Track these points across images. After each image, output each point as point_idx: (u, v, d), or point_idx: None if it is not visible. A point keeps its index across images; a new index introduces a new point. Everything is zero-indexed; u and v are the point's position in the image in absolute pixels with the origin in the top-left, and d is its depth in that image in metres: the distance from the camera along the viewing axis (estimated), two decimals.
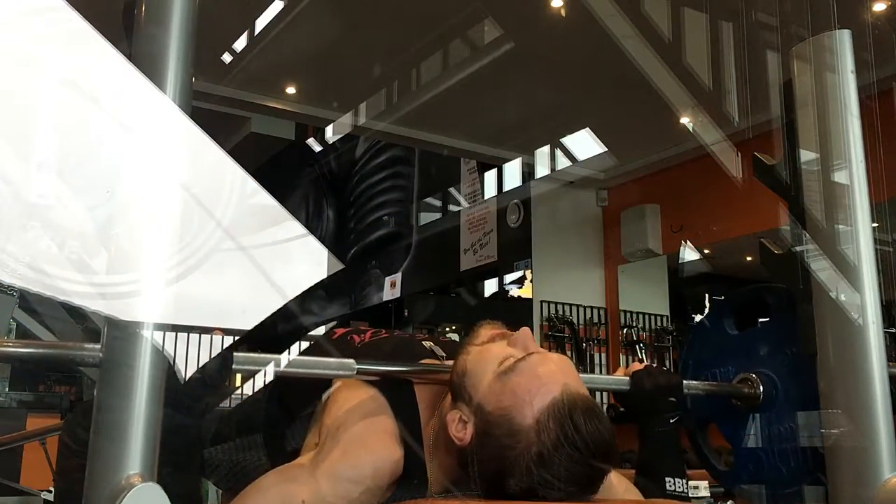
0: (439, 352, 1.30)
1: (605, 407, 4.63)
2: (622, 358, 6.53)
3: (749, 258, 5.63)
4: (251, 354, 1.03)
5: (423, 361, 1.24)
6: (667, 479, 1.31)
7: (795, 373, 1.39)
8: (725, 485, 1.60)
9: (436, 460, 1.12)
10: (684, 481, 1.32)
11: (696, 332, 1.70)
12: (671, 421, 1.35)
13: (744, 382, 1.48)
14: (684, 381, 1.42)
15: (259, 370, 1.06)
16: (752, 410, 1.47)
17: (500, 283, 7.15)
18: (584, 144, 5.89)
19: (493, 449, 1.02)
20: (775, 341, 1.45)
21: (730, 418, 1.52)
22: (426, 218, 7.80)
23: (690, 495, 1.34)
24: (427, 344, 1.32)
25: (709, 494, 1.35)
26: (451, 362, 1.15)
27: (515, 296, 6.75)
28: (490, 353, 1.10)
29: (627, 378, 1.37)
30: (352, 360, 1.11)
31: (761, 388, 1.45)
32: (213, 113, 5.15)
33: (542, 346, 1.62)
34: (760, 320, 1.54)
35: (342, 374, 1.12)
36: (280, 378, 1.39)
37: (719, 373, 1.55)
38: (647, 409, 1.36)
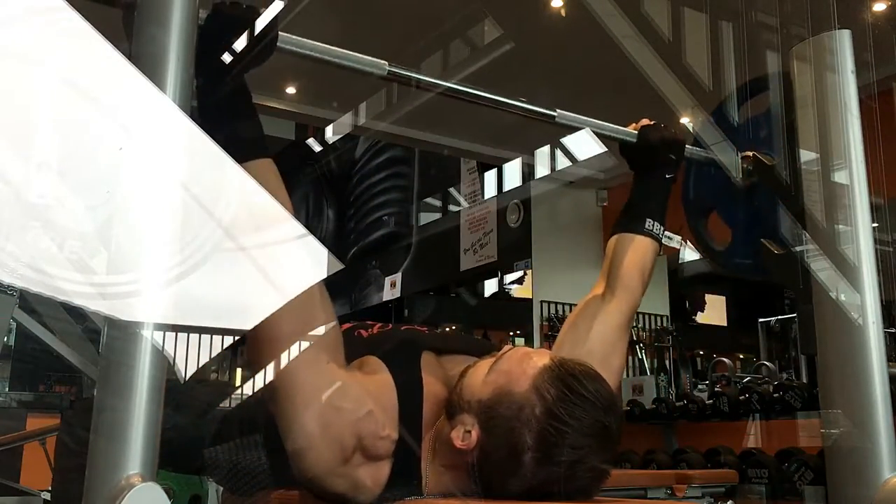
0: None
1: None
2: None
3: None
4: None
5: (429, 353, 1.23)
6: (647, 218, 1.40)
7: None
8: (723, 263, 1.65)
9: (435, 469, 1.11)
10: (662, 227, 1.41)
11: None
12: (667, 176, 1.42)
13: (745, 159, 1.51)
14: (688, 147, 1.47)
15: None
16: (749, 190, 1.50)
17: (500, 283, 7.15)
18: (584, 144, 5.89)
19: (502, 430, 1.01)
20: (775, 124, 1.48)
21: (729, 201, 1.56)
22: (426, 218, 7.80)
23: (663, 241, 1.43)
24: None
25: (679, 248, 1.43)
26: None
27: (516, 296, 6.74)
28: (479, 365, 1.11)
29: (635, 131, 1.43)
30: (384, 62, 1.17)
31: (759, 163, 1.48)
32: None
33: (542, 346, 1.62)
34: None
35: (374, 70, 1.16)
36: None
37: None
38: (649, 160, 1.43)
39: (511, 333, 6.89)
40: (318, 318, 1.02)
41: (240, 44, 1.00)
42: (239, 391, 1.39)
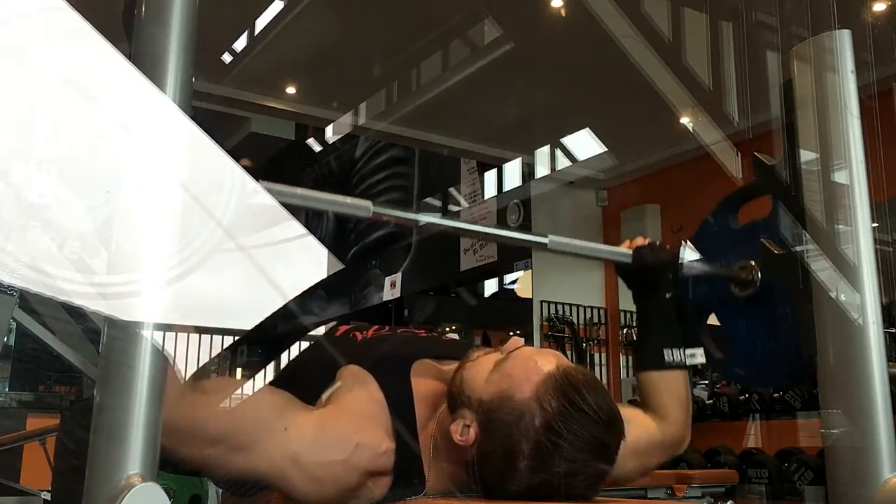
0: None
1: None
2: (622, 358, 6.53)
3: None
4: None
5: (422, 361, 1.23)
6: (664, 350, 1.35)
7: (792, 264, 1.40)
8: (720, 372, 1.63)
9: (437, 465, 1.11)
10: (681, 351, 1.36)
11: (701, 229, 1.71)
12: (668, 296, 1.39)
13: (743, 268, 1.49)
14: (684, 262, 1.43)
15: None
16: (749, 298, 1.48)
17: (500, 283, 7.15)
18: (584, 144, 5.89)
19: (499, 434, 1.01)
20: (776, 232, 1.46)
21: (728, 307, 1.53)
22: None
23: (688, 363, 1.37)
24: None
25: (704, 360, 1.40)
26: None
27: (517, 296, 6.74)
28: (483, 360, 1.11)
29: (630, 251, 1.39)
30: (368, 202, 1.13)
31: (759, 274, 1.46)
32: (213, 113, 5.15)
33: (541, 346, 1.62)
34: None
35: (358, 212, 1.12)
36: (282, 377, 1.39)
37: (721, 265, 1.57)
38: (646, 283, 1.40)
39: (511, 334, 6.89)
40: (271, 413, 1.04)
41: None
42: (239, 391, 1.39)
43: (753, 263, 1.47)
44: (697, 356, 1.39)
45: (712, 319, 1.60)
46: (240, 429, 1.01)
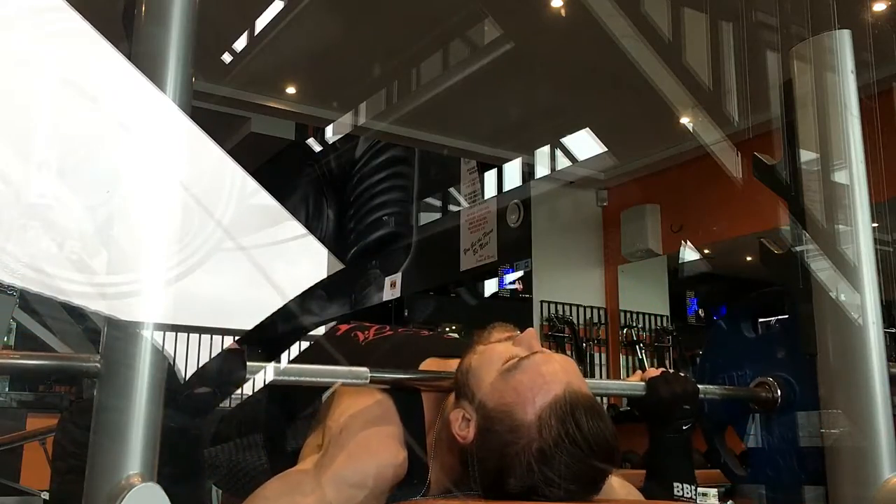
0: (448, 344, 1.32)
1: (605, 407, 4.62)
2: (622, 358, 6.53)
3: (749, 258, 5.63)
4: (261, 364, 1.02)
5: (428, 360, 1.23)
6: (675, 483, 1.30)
7: (813, 376, 1.35)
8: (742, 488, 1.60)
9: (437, 460, 1.12)
10: (693, 487, 1.31)
11: (713, 335, 1.69)
12: (685, 428, 1.34)
13: (761, 386, 1.46)
14: (701, 387, 1.39)
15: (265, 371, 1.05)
16: (769, 413, 1.46)
17: (500, 283, 7.15)
18: (584, 144, 5.89)
19: (495, 446, 1.02)
20: (792, 343, 1.43)
21: (747, 421, 1.51)
22: (426, 218, 7.80)
23: (699, 502, 1.32)
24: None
25: (717, 502, 1.33)
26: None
27: (517, 295, 6.74)
28: (494, 352, 1.10)
29: (643, 384, 1.35)
30: (365, 369, 1.10)
31: (779, 391, 1.43)
32: (213, 113, 5.14)
33: (542, 346, 1.61)
34: (777, 319, 1.53)
35: (355, 382, 1.11)
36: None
37: (736, 376, 1.54)
38: (662, 416, 1.34)
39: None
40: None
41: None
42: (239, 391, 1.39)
43: (772, 380, 1.44)
44: (710, 496, 1.35)
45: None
46: None
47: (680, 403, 1.33)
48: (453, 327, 7.05)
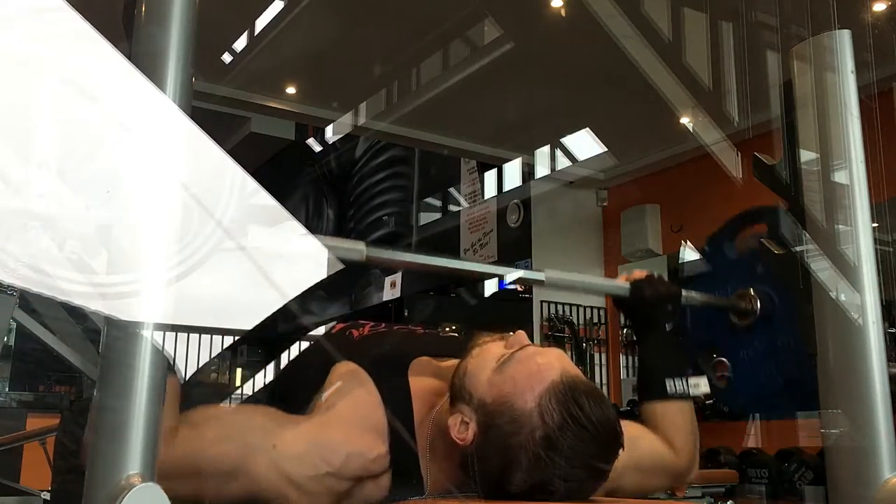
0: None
1: None
2: (622, 358, 6.53)
3: None
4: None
5: (419, 359, 1.23)
6: (667, 380, 1.35)
7: (791, 289, 1.40)
8: (724, 402, 1.65)
9: (435, 463, 1.11)
10: (684, 381, 1.36)
11: (701, 257, 1.72)
12: (668, 328, 1.40)
13: (742, 297, 1.50)
14: (683, 293, 1.45)
15: None
16: (749, 328, 1.49)
17: (500, 284, 7.14)
18: (584, 144, 5.89)
19: (498, 440, 1.01)
20: (770, 258, 1.47)
21: (728, 337, 1.54)
22: (426, 218, 7.80)
23: (691, 393, 1.37)
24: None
25: (708, 390, 1.39)
26: None
27: (517, 295, 6.74)
28: (488, 352, 1.10)
29: (627, 285, 1.40)
30: (361, 243, 1.10)
31: (758, 303, 1.47)
32: (213, 113, 5.15)
33: (541, 346, 1.61)
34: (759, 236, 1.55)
35: (352, 255, 1.09)
36: (281, 378, 1.38)
37: (719, 295, 1.58)
38: (645, 316, 1.40)
39: (511, 334, 6.88)
40: (254, 428, 1.03)
41: None
42: (239, 391, 1.39)
43: (752, 292, 1.48)
44: (701, 385, 1.37)
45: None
46: (229, 456, 1.00)
47: (663, 304, 1.39)
48: (453, 327, 7.05)
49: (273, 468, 1.00)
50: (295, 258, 0.84)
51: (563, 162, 6.15)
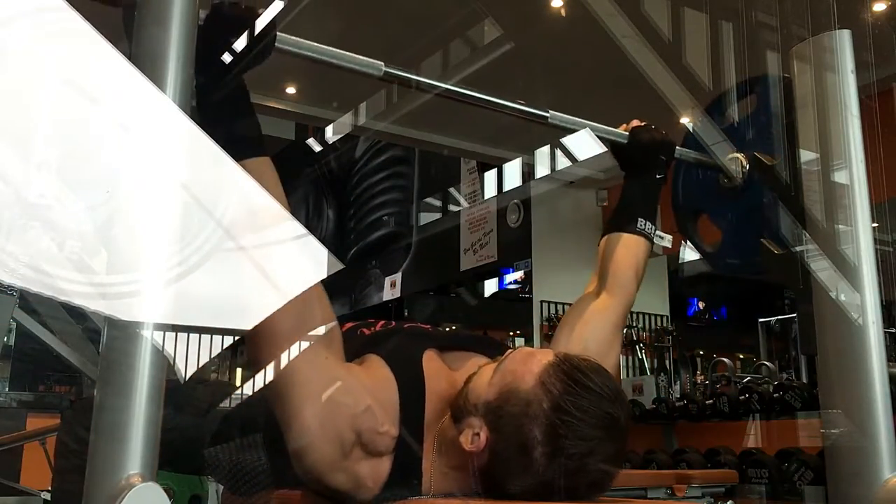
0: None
1: None
2: (622, 358, 6.53)
3: None
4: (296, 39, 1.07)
5: (429, 351, 1.22)
6: (639, 218, 1.44)
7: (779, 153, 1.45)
8: (713, 265, 1.70)
9: (439, 467, 1.10)
10: (654, 226, 1.45)
11: (689, 136, 1.75)
12: (658, 177, 1.47)
13: (732, 160, 1.54)
14: (678, 148, 1.51)
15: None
16: (738, 192, 1.53)
17: (500, 284, 7.15)
18: (584, 144, 5.89)
19: (511, 428, 1.01)
20: (762, 125, 1.51)
21: (718, 204, 1.60)
22: (426, 218, 7.80)
23: (654, 240, 1.46)
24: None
25: (670, 245, 1.47)
26: None
27: (517, 295, 6.74)
28: (484, 369, 1.11)
29: (626, 132, 1.48)
30: (380, 62, 1.18)
31: (747, 164, 1.51)
32: None
33: (542, 346, 1.62)
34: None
35: (370, 70, 1.17)
36: None
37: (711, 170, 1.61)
38: (639, 161, 1.48)
39: (511, 333, 6.89)
40: (316, 318, 1.03)
41: (239, 43, 1.00)
42: (239, 391, 1.39)
43: (742, 155, 1.52)
44: (665, 240, 1.48)
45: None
46: (295, 324, 1.00)
47: (658, 151, 1.46)
48: (453, 327, 7.05)
49: (308, 366, 1.00)
50: (295, 258, 0.84)
51: (563, 162, 6.15)
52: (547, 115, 1.38)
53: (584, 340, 1.33)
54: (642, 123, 1.49)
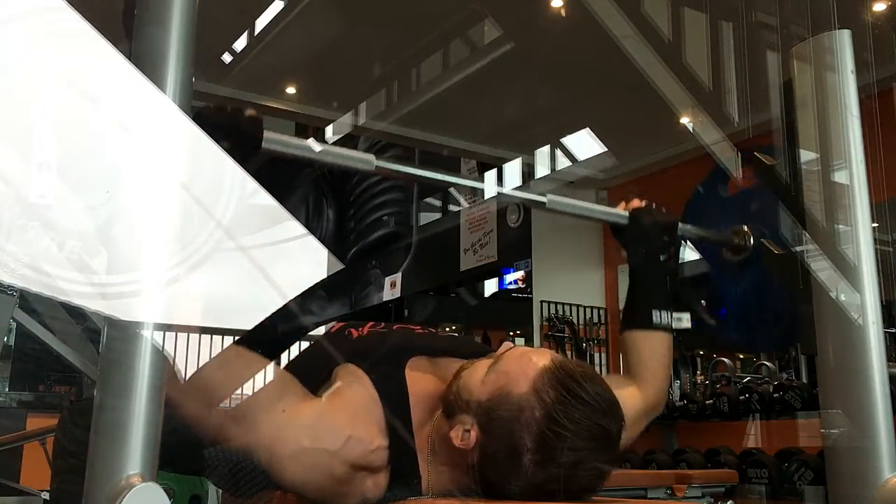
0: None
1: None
2: (622, 358, 6.52)
3: None
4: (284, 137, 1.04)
5: (415, 358, 1.23)
6: (653, 310, 1.38)
7: (784, 226, 1.44)
8: (716, 336, 1.68)
9: (436, 466, 1.11)
10: (669, 313, 1.39)
11: (693, 199, 1.74)
12: (662, 258, 1.42)
13: (736, 233, 1.53)
14: (680, 225, 1.47)
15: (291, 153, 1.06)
16: (742, 263, 1.52)
17: (500, 284, 7.15)
18: (584, 144, 5.89)
19: (501, 432, 1.01)
20: (766, 198, 1.50)
21: (722, 272, 1.58)
22: (426, 218, 7.80)
23: (674, 326, 1.40)
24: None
25: (690, 326, 1.43)
26: None
27: (521, 294, 6.74)
28: (478, 365, 1.11)
29: (626, 213, 1.43)
30: (371, 155, 1.14)
31: (752, 239, 1.50)
32: None
33: (542, 346, 1.61)
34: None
35: (363, 165, 1.14)
36: None
37: (715, 231, 1.61)
38: (642, 245, 1.42)
39: (511, 333, 6.89)
40: (243, 375, 1.04)
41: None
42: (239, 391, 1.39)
43: (746, 228, 1.51)
44: (684, 320, 1.44)
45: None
46: (243, 399, 1.01)
47: (660, 233, 1.41)
48: (453, 327, 7.05)
49: (275, 429, 1.01)
50: (294, 258, 0.84)
51: (563, 162, 6.15)
52: (545, 200, 1.36)
53: None
54: (642, 204, 1.44)
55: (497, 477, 1.03)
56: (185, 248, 0.72)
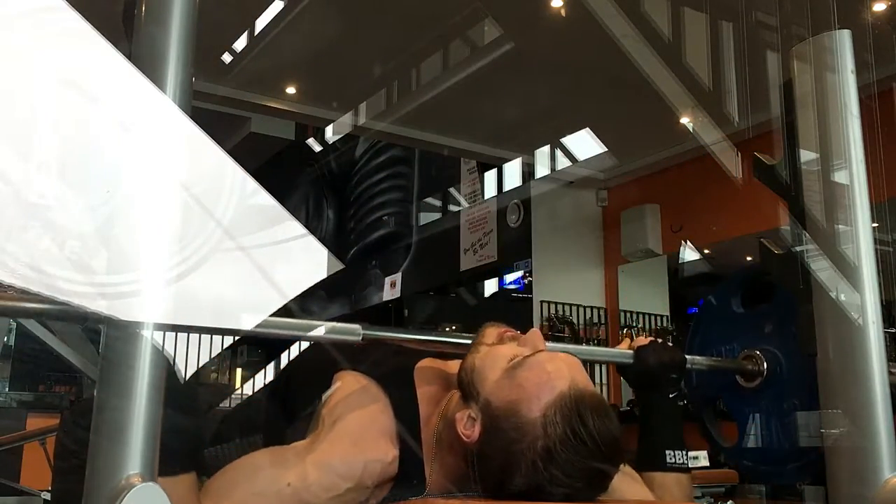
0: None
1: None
2: None
3: (749, 258, 5.63)
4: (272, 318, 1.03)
5: (425, 360, 1.23)
6: (667, 451, 1.33)
7: (799, 350, 1.38)
8: (730, 459, 1.63)
9: (438, 460, 1.11)
10: (684, 453, 1.34)
11: (703, 311, 1.72)
12: (672, 396, 1.37)
13: (748, 359, 1.49)
14: (688, 357, 1.42)
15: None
16: (756, 387, 1.48)
17: (500, 283, 7.15)
18: (584, 144, 5.89)
19: (500, 444, 1.01)
20: (780, 319, 1.46)
21: (735, 395, 1.53)
22: (426, 218, 7.80)
23: (690, 465, 1.35)
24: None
25: (708, 464, 1.37)
26: (467, 339, 1.15)
27: (521, 294, 6.74)
28: (499, 352, 1.09)
29: (631, 352, 1.38)
30: (357, 326, 1.11)
31: (765, 364, 1.47)
32: (213, 113, 5.15)
33: None
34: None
35: (348, 338, 1.11)
36: (281, 378, 1.38)
37: (725, 350, 1.57)
38: (650, 384, 1.37)
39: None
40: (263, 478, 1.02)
41: None
42: (239, 391, 1.39)
43: (759, 353, 1.47)
44: (700, 459, 1.37)
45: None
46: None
47: (667, 372, 1.36)
48: (453, 328, 7.05)
49: (296, 495, 1.00)
50: (294, 258, 0.84)
51: (563, 162, 6.15)
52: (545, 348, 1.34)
53: None
54: (646, 342, 1.40)
55: (490, 478, 1.04)
56: (185, 248, 0.72)
